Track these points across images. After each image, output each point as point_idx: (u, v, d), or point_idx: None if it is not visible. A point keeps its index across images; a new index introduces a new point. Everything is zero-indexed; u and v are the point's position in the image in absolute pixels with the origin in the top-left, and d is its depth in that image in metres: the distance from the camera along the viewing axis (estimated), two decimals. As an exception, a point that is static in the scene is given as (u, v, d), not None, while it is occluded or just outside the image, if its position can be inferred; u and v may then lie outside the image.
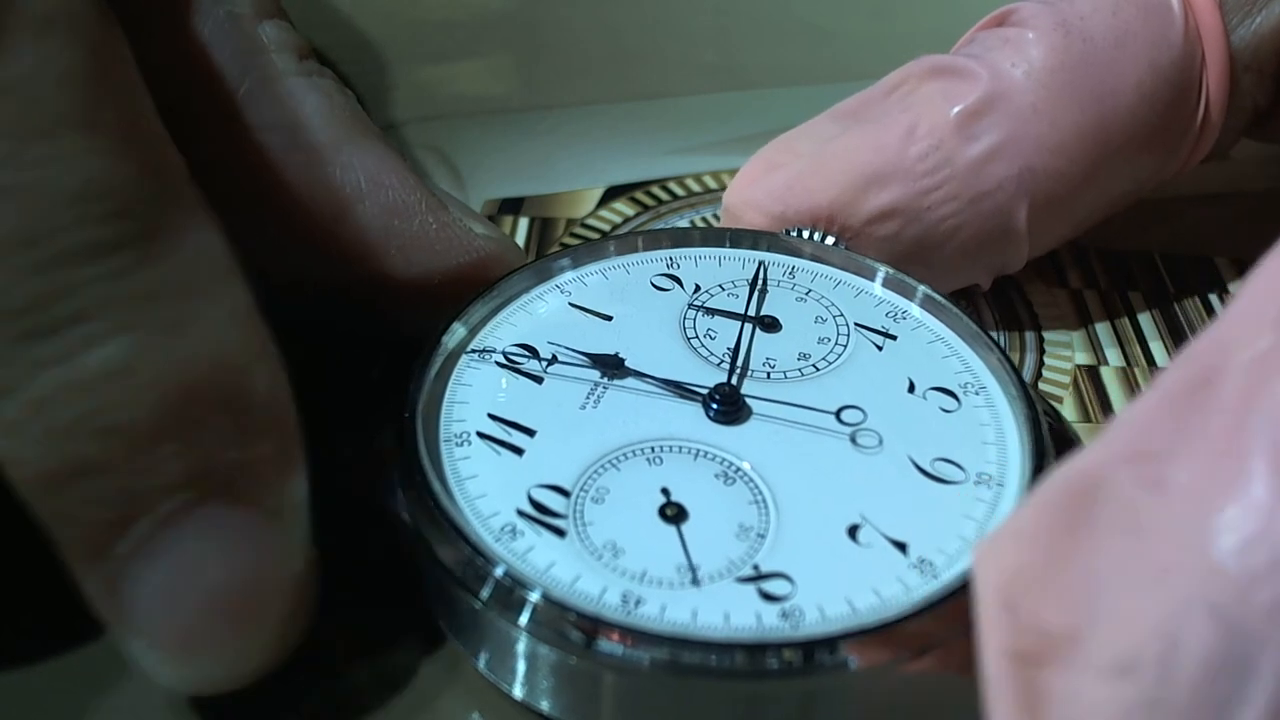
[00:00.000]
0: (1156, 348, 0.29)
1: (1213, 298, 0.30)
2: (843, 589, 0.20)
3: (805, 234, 0.26)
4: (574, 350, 0.24)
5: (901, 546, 0.21)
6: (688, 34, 0.40)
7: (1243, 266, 0.31)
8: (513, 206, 0.32)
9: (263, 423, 0.19)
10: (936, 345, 0.25)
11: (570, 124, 0.24)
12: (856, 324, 0.25)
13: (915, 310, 0.25)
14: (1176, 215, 0.33)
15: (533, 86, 0.36)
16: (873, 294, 0.26)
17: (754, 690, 0.19)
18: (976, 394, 0.23)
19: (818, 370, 0.24)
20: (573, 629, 0.19)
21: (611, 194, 0.32)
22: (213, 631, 0.19)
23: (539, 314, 0.25)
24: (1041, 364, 0.28)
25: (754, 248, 0.26)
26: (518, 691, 0.20)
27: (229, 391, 0.19)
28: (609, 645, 0.19)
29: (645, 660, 0.19)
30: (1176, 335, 0.29)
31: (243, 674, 0.19)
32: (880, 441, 0.22)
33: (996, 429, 0.23)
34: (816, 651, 0.19)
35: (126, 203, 0.18)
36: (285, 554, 0.19)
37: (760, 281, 0.26)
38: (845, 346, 0.24)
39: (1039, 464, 0.22)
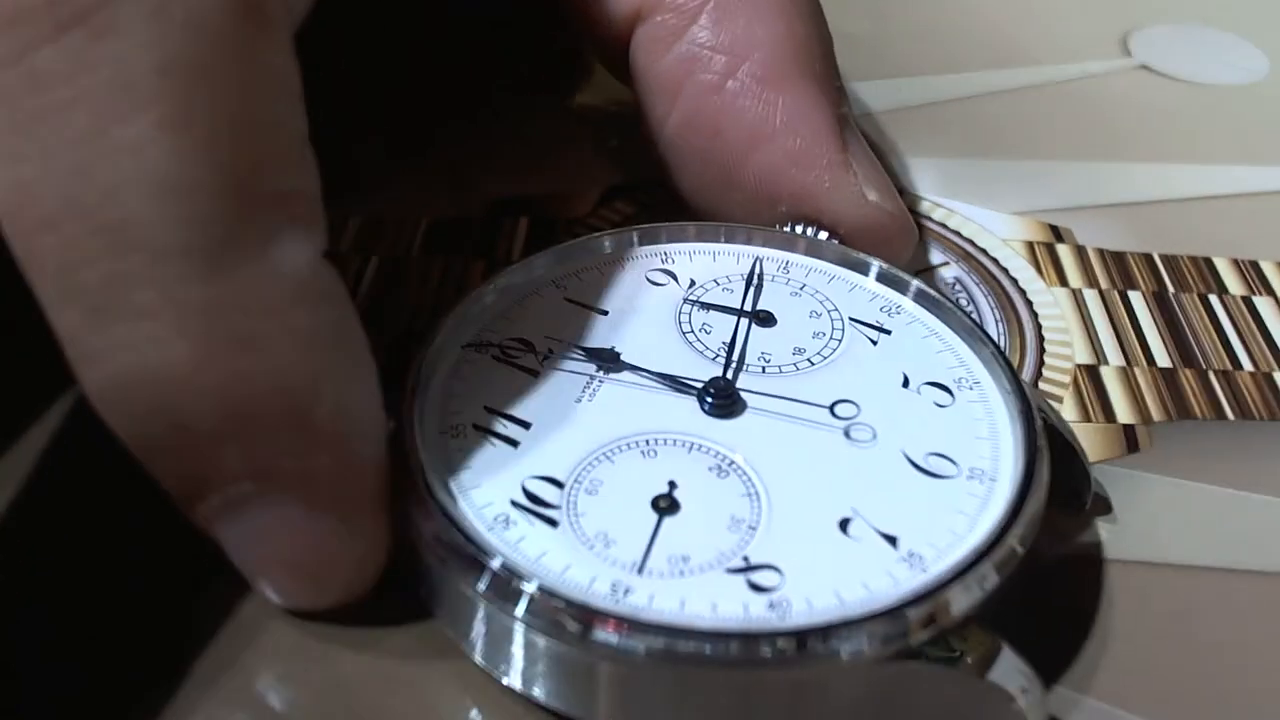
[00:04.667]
0: (1157, 347, 0.29)
1: (1212, 298, 0.30)
2: (831, 581, 0.20)
3: (800, 229, 0.27)
4: (570, 344, 0.24)
5: (892, 540, 0.21)
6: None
7: (1242, 266, 0.31)
8: (513, 206, 0.32)
9: (324, 439, 0.19)
10: (930, 340, 0.25)
11: (570, 124, 0.24)
12: (851, 318, 0.25)
13: (909, 305, 0.25)
14: (1177, 215, 0.33)
15: (534, 86, 0.36)
16: (866, 289, 0.26)
17: (741, 679, 0.19)
18: (971, 389, 0.24)
19: (812, 364, 0.24)
20: (564, 617, 0.19)
21: (611, 194, 0.32)
22: (283, 587, 0.21)
23: (535, 308, 0.25)
24: (1041, 363, 0.28)
25: (748, 243, 0.26)
26: (512, 681, 0.21)
27: (288, 410, 0.19)
28: (601, 634, 0.19)
29: (638, 649, 0.19)
30: (1177, 334, 0.29)
31: (322, 607, 0.21)
32: (874, 435, 0.23)
33: (990, 424, 0.23)
34: (803, 642, 0.19)
35: (202, 212, 0.17)
36: (342, 542, 0.20)
37: (755, 276, 0.26)
38: (840, 341, 0.25)
39: (1031, 459, 0.22)
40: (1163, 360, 0.28)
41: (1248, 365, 0.28)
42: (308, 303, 0.19)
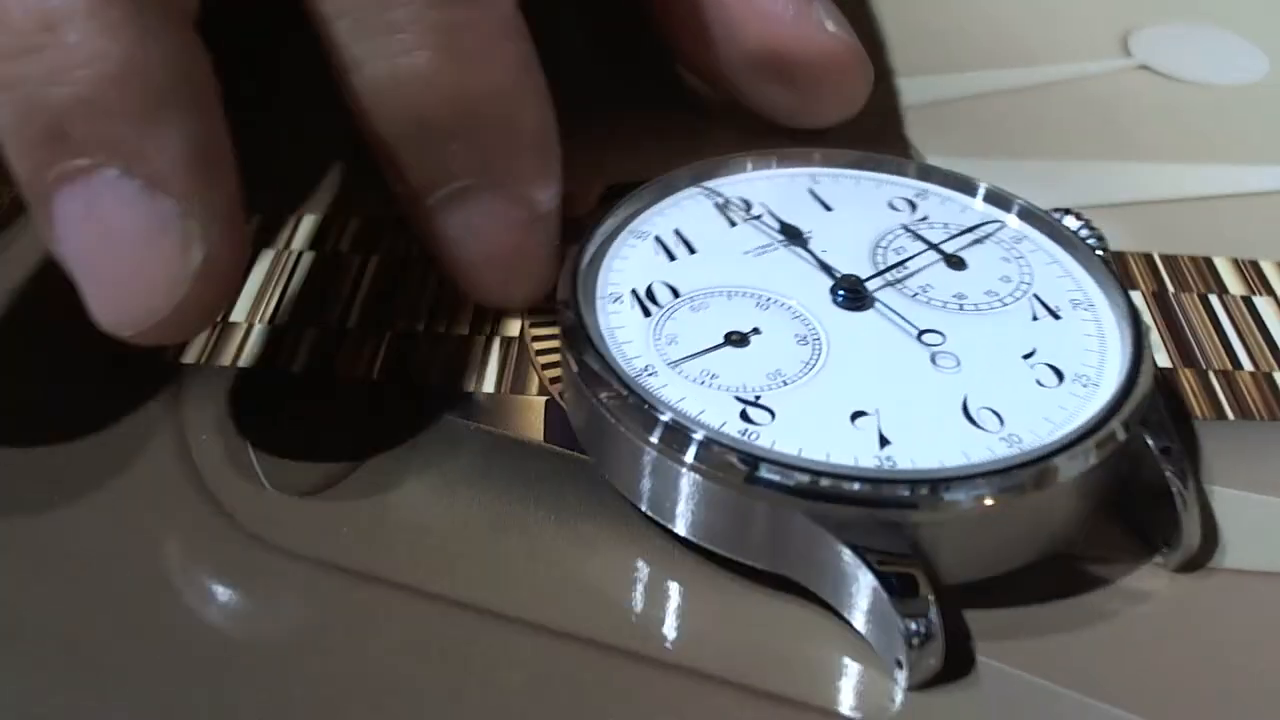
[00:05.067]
0: (1156, 347, 0.28)
1: (1212, 298, 0.30)
2: (802, 439, 0.22)
3: (1065, 218, 0.28)
4: (776, 216, 0.28)
5: (885, 441, 0.23)
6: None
7: (1242, 266, 0.30)
8: None
9: (529, 144, 0.26)
10: (1091, 340, 0.25)
11: (570, 124, 0.27)
12: (1035, 294, 0.26)
13: (1101, 305, 0.26)
14: (1177, 214, 0.33)
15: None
16: (1074, 278, 0.26)
17: (694, 476, 0.22)
18: (1084, 386, 0.24)
19: (961, 310, 0.26)
20: (610, 379, 0.24)
21: (611, 194, 0.31)
22: (486, 278, 0.27)
23: (777, 186, 0.29)
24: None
25: (998, 206, 0.28)
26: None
27: (503, 116, 0.26)
28: (619, 400, 0.23)
29: (639, 420, 0.23)
30: (1177, 335, 0.29)
31: (512, 304, 0.28)
32: (957, 365, 0.24)
33: (1070, 415, 0.23)
34: (739, 461, 0.22)
35: None
36: (535, 237, 0.27)
37: (979, 232, 0.27)
38: (1005, 306, 0.26)
39: (1069, 445, 0.22)
40: (1162, 360, 0.28)
41: (1248, 365, 0.28)
42: (514, 36, 0.26)
